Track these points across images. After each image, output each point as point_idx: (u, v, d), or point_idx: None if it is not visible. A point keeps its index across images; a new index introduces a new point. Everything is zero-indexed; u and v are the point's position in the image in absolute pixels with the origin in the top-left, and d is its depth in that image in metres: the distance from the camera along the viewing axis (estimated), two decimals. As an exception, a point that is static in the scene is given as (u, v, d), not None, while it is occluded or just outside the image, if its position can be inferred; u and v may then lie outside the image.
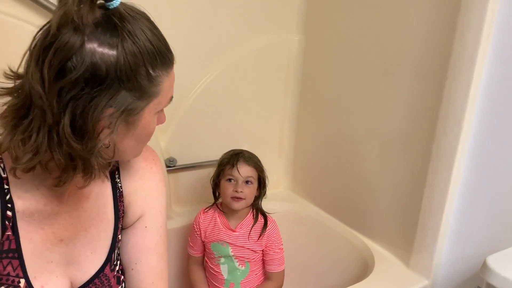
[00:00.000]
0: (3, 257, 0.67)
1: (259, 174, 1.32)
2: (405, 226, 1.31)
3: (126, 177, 0.81)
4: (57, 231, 0.72)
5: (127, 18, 0.60)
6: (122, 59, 0.59)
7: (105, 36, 0.58)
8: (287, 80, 1.70)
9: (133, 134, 0.67)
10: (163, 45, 0.65)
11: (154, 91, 0.64)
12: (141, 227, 0.83)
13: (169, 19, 1.38)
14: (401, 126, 1.29)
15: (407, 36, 1.24)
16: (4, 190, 0.66)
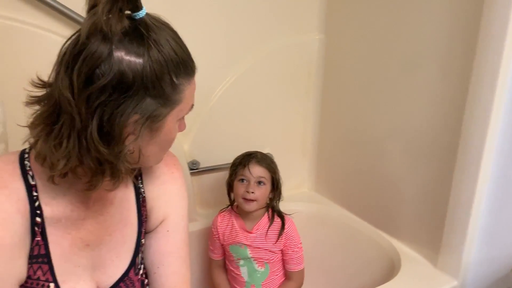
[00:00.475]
0: (34, 262, 0.69)
1: (272, 176, 1.32)
2: (432, 225, 1.28)
3: (148, 183, 0.83)
4: (84, 236, 0.74)
5: (152, 28, 0.63)
6: (148, 67, 0.61)
7: (132, 45, 0.60)
8: (309, 80, 1.70)
9: (156, 141, 0.68)
10: (185, 54, 0.68)
11: (177, 98, 0.66)
12: (163, 231, 0.84)
13: (191, 21, 1.41)
14: (426, 124, 1.27)
15: (431, 32, 1.22)
16: (33, 197, 0.68)
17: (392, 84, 1.37)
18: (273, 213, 1.36)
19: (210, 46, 1.47)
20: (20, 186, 0.67)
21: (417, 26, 1.26)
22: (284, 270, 1.39)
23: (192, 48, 1.43)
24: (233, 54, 1.53)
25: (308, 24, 1.64)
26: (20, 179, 0.68)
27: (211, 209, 1.59)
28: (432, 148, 1.26)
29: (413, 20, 1.27)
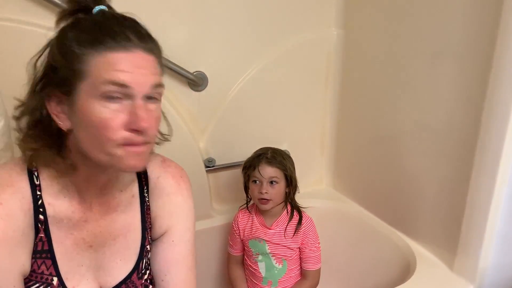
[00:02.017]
0: (38, 257, 0.74)
1: (284, 173, 1.31)
2: (449, 227, 1.25)
3: (153, 192, 0.86)
4: (86, 237, 0.78)
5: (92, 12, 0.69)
6: (56, 34, 0.68)
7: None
8: (327, 75, 1.68)
9: (80, 122, 0.67)
10: (104, 27, 0.65)
11: (81, 69, 0.65)
12: (169, 241, 0.87)
13: (209, 18, 1.43)
14: (445, 121, 1.23)
15: (451, 27, 1.18)
16: (37, 196, 0.73)
17: (411, 80, 1.33)
18: (292, 209, 1.37)
19: (228, 42, 1.48)
20: (25, 185, 0.72)
21: (437, 22, 1.22)
22: (301, 269, 1.40)
23: (210, 44, 1.47)
24: (251, 50, 1.53)
25: (326, 19, 1.62)
26: (26, 179, 0.72)
27: (227, 206, 1.61)
28: (450, 147, 1.22)
29: (434, 15, 1.22)
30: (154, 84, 0.67)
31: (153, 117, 0.68)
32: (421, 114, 1.31)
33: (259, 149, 1.37)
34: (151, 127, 0.68)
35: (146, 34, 0.68)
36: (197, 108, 1.51)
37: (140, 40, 0.66)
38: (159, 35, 0.71)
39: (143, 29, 0.69)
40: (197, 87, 1.47)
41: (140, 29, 0.68)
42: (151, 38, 0.69)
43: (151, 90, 0.67)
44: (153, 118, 0.68)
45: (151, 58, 0.67)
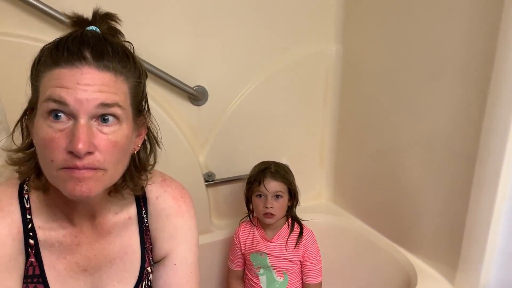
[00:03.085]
0: (29, 282, 0.72)
1: (288, 187, 1.32)
2: (450, 242, 1.24)
3: (153, 213, 0.82)
4: (80, 261, 0.76)
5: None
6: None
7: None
8: (326, 90, 1.69)
9: (35, 142, 0.66)
10: (61, 44, 0.63)
11: (37, 86, 0.64)
12: (171, 265, 0.84)
13: (210, 33, 1.43)
14: (445, 135, 1.24)
15: (449, 41, 1.19)
16: (26, 219, 0.71)
17: (410, 94, 1.34)
18: (292, 221, 1.37)
19: (228, 57, 1.49)
20: (15, 209, 0.71)
21: (436, 36, 1.23)
22: (303, 284, 1.39)
23: (210, 58, 1.48)
24: (250, 65, 1.55)
25: (325, 34, 1.64)
26: (16, 202, 0.71)
27: (226, 221, 1.61)
28: (450, 161, 1.23)
29: (432, 30, 1.24)
30: (100, 103, 0.61)
31: (107, 141, 0.63)
32: (420, 129, 1.32)
33: (261, 163, 1.37)
34: (102, 152, 0.62)
35: (111, 52, 0.63)
36: (197, 122, 1.51)
37: (96, 58, 0.62)
38: (159, 50, 0.70)
39: (110, 47, 0.64)
40: (197, 101, 1.48)
41: (104, 47, 0.63)
42: (119, 57, 0.64)
43: (98, 109, 0.61)
44: (106, 142, 0.62)
45: (105, 76, 0.62)
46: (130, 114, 0.68)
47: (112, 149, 0.63)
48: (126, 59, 0.65)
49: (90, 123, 0.61)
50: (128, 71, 0.66)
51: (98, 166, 0.62)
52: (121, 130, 0.65)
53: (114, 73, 0.63)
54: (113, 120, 0.63)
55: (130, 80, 0.66)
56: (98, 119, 0.62)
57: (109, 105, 0.62)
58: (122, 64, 0.64)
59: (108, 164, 0.63)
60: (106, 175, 0.64)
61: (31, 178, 0.71)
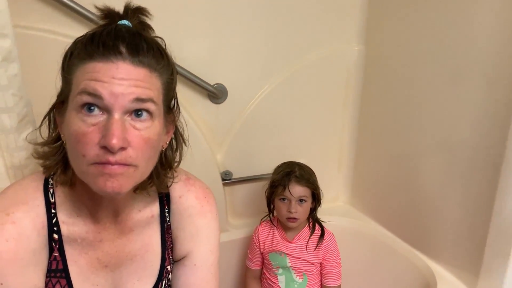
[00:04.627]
0: (52, 276, 0.72)
1: (312, 191, 1.31)
2: (471, 248, 1.22)
3: (175, 213, 0.82)
4: (101, 257, 0.75)
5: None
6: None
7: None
8: (347, 91, 1.67)
9: (66, 135, 0.65)
10: (96, 39, 0.62)
11: (69, 79, 0.64)
12: (191, 265, 0.83)
13: (231, 32, 1.43)
14: (469, 139, 1.21)
15: (475, 43, 1.17)
16: (51, 214, 0.71)
17: (433, 97, 1.32)
18: (313, 223, 1.36)
19: (248, 55, 1.48)
20: (40, 203, 0.70)
21: (460, 37, 1.21)
22: (321, 286, 1.38)
23: (230, 57, 1.47)
24: (271, 64, 1.53)
25: (347, 35, 1.62)
26: (41, 196, 0.71)
27: (243, 220, 1.60)
28: (474, 166, 1.20)
29: (457, 31, 1.22)
30: (135, 98, 0.61)
31: (139, 137, 0.62)
32: (443, 133, 1.29)
33: (285, 165, 1.36)
34: (134, 148, 0.61)
35: (146, 48, 0.63)
36: (215, 120, 1.50)
37: (131, 53, 0.61)
38: (180, 47, 0.69)
39: (145, 43, 0.64)
40: (216, 99, 1.47)
41: (139, 42, 0.63)
42: (153, 52, 0.64)
43: (132, 104, 0.61)
44: (138, 138, 0.62)
45: (140, 71, 0.62)
46: (161, 111, 0.67)
47: (144, 146, 0.63)
48: (160, 55, 0.65)
49: (124, 118, 0.61)
50: (161, 68, 0.65)
51: (131, 162, 0.62)
52: (153, 127, 0.64)
53: (148, 69, 0.63)
54: (146, 116, 0.63)
55: (163, 76, 0.66)
56: (131, 114, 0.62)
57: (144, 100, 0.62)
58: (157, 60, 0.64)
59: (139, 160, 0.63)
60: (137, 172, 0.64)
61: (57, 173, 0.71)
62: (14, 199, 0.69)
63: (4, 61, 0.79)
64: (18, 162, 0.88)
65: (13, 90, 0.82)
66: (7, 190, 0.72)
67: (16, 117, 0.84)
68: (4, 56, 0.78)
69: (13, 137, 0.85)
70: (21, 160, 0.88)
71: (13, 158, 0.87)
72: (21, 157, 0.88)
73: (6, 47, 0.78)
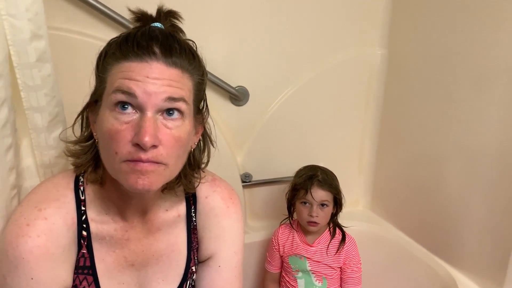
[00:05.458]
0: (79, 273, 0.73)
1: (335, 196, 1.30)
2: (495, 257, 1.20)
3: (201, 213, 0.83)
4: (128, 256, 0.76)
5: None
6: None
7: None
8: (369, 94, 1.66)
9: (99, 133, 0.67)
10: (131, 39, 0.64)
11: (103, 77, 0.65)
12: (215, 266, 0.84)
13: (254, 34, 1.44)
14: (494, 145, 1.19)
15: (501, 47, 1.15)
16: (81, 211, 0.72)
17: (457, 101, 1.30)
18: (334, 227, 1.35)
19: (270, 58, 1.49)
20: (70, 200, 0.72)
21: (486, 41, 1.19)
22: (341, 290, 1.37)
23: (252, 59, 1.48)
24: (293, 67, 1.53)
25: (370, 38, 1.61)
26: (72, 193, 0.73)
27: (262, 222, 1.60)
28: (499, 171, 1.19)
29: (483, 34, 1.20)
30: (168, 97, 0.62)
31: (170, 135, 0.63)
32: (468, 139, 1.28)
33: (307, 169, 1.36)
34: (165, 146, 0.62)
35: (179, 49, 0.64)
36: (236, 122, 1.51)
37: (165, 54, 0.63)
38: (202, 49, 0.71)
39: (178, 45, 0.65)
40: (238, 101, 1.48)
41: (172, 44, 0.64)
42: (186, 54, 0.65)
43: (165, 103, 0.62)
44: (169, 136, 0.63)
45: (173, 71, 0.63)
46: (192, 111, 0.69)
47: (175, 144, 0.64)
48: (192, 57, 0.67)
49: (156, 116, 0.63)
50: (193, 69, 0.67)
51: (161, 160, 0.63)
52: (183, 126, 0.66)
53: (181, 70, 0.65)
54: (177, 115, 0.64)
55: (194, 77, 0.68)
56: (163, 113, 0.63)
57: (176, 99, 0.63)
58: (189, 61, 0.66)
59: (170, 159, 0.64)
60: (167, 170, 0.65)
61: (87, 171, 0.73)
62: (45, 195, 0.71)
63: (38, 62, 0.80)
64: (48, 160, 0.89)
65: (46, 90, 0.83)
66: (39, 186, 0.73)
67: (47, 116, 0.85)
68: (39, 57, 0.80)
69: (44, 136, 0.87)
70: (51, 158, 0.89)
71: (43, 156, 0.88)
72: (51, 156, 0.89)
73: (41, 48, 0.80)
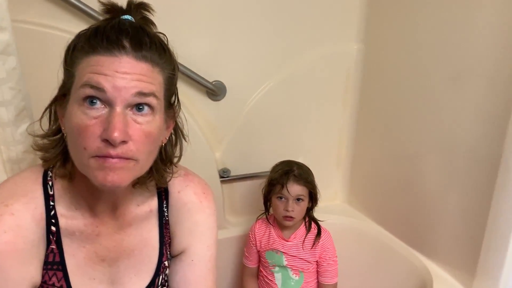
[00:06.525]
0: (49, 269, 0.72)
1: (310, 190, 1.31)
2: (468, 248, 1.22)
3: (174, 208, 0.82)
4: (99, 251, 0.76)
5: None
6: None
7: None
8: (346, 89, 1.67)
9: (67, 128, 0.65)
10: (99, 32, 0.62)
11: (72, 71, 0.64)
12: (188, 260, 0.83)
13: (230, 30, 1.43)
14: (467, 140, 1.21)
15: (475, 43, 1.16)
16: (49, 206, 0.71)
17: (433, 98, 1.31)
18: (309, 221, 1.36)
19: (247, 53, 1.49)
20: (39, 195, 0.71)
21: (461, 37, 1.20)
22: (318, 283, 1.38)
23: (229, 54, 1.48)
24: (270, 62, 1.53)
25: (347, 34, 1.62)
26: (40, 188, 0.71)
27: (240, 217, 1.60)
28: (472, 166, 1.20)
29: (458, 31, 1.21)
30: (138, 92, 0.61)
31: (140, 131, 0.62)
32: (442, 134, 1.29)
33: (283, 164, 1.36)
34: (135, 142, 0.62)
35: (149, 43, 0.63)
36: (214, 118, 1.50)
37: (134, 48, 0.62)
38: (179, 44, 0.70)
39: (148, 38, 0.64)
40: (215, 96, 1.47)
41: (142, 37, 0.63)
42: (156, 48, 0.64)
43: (135, 98, 0.61)
44: (139, 132, 0.62)
45: (143, 66, 0.62)
46: (163, 106, 0.68)
47: (145, 140, 0.64)
48: (162, 50, 0.66)
49: (125, 111, 0.62)
50: (164, 63, 0.66)
51: (131, 156, 0.62)
52: (154, 121, 0.65)
53: (151, 64, 0.64)
54: (147, 110, 0.64)
55: (165, 71, 0.67)
56: (133, 108, 0.63)
57: (146, 95, 0.62)
58: (159, 55, 0.65)
59: (140, 154, 0.64)
60: (137, 166, 0.64)
61: (56, 166, 0.71)
62: (13, 190, 0.70)
63: (2, 54, 0.79)
64: (15, 155, 0.88)
65: (11, 84, 0.82)
66: (7, 182, 0.72)
67: (13, 110, 0.84)
68: (2, 49, 0.78)
69: (10, 130, 0.85)
70: (18, 154, 0.88)
71: (10, 151, 0.87)
72: (18, 151, 0.88)
73: (4, 40, 0.78)
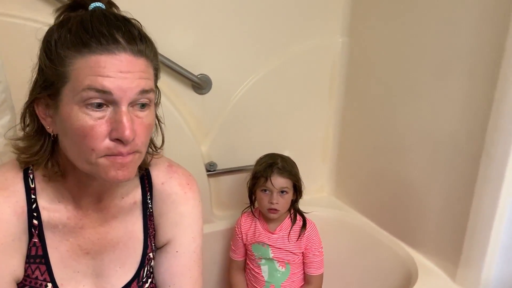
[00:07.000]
0: (31, 262, 0.72)
1: (294, 183, 1.32)
2: (451, 238, 1.24)
3: (158, 199, 0.82)
4: (83, 244, 0.75)
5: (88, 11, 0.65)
6: (45, 33, 0.64)
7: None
8: (331, 83, 1.67)
9: (63, 129, 0.64)
10: (90, 29, 0.60)
11: (64, 72, 0.61)
12: (173, 252, 0.83)
13: (215, 23, 1.42)
14: (450, 132, 1.23)
15: (457, 38, 1.18)
16: (31, 200, 0.70)
17: (417, 90, 1.33)
18: (295, 213, 1.37)
19: (233, 47, 1.48)
20: (19, 188, 0.70)
21: (444, 33, 1.22)
22: (304, 274, 1.39)
23: (215, 47, 1.47)
24: (255, 55, 1.53)
25: (332, 27, 1.62)
26: (21, 181, 0.70)
27: (227, 211, 1.60)
28: (455, 158, 1.22)
29: (441, 26, 1.23)
30: (141, 90, 0.62)
31: (142, 125, 0.64)
32: (426, 125, 1.31)
33: (267, 157, 1.36)
34: (139, 136, 0.63)
35: (138, 35, 0.63)
36: (200, 111, 1.50)
37: (129, 42, 0.61)
38: (163, 37, 0.69)
39: (135, 29, 0.63)
40: (201, 90, 1.47)
41: (132, 30, 0.63)
42: (143, 39, 0.64)
43: (138, 96, 0.62)
44: (141, 126, 0.63)
45: (140, 62, 0.62)
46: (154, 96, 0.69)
47: (146, 132, 0.65)
48: (150, 42, 0.66)
49: (129, 109, 0.62)
50: (153, 56, 0.67)
51: (137, 149, 0.64)
52: (151, 113, 0.66)
53: (146, 58, 0.64)
54: (147, 104, 0.65)
55: (154, 63, 0.67)
56: (135, 105, 0.63)
57: (147, 91, 0.63)
58: (150, 48, 0.65)
59: (142, 146, 0.66)
60: (140, 157, 0.67)
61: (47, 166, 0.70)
62: None
63: (-19, 47, 0.77)
64: (-3, 149, 0.86)
65: (-10, 77, 0.80)
66: None
67: (-6, 103, 0.83)
68: (-19, 42, 0.77)
69: (-9, 124, 0.84)
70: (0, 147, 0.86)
71: (-9, 145, 0.86)
72: (-1, 144, 0.86)
73: (-17, 32, 0.77)
